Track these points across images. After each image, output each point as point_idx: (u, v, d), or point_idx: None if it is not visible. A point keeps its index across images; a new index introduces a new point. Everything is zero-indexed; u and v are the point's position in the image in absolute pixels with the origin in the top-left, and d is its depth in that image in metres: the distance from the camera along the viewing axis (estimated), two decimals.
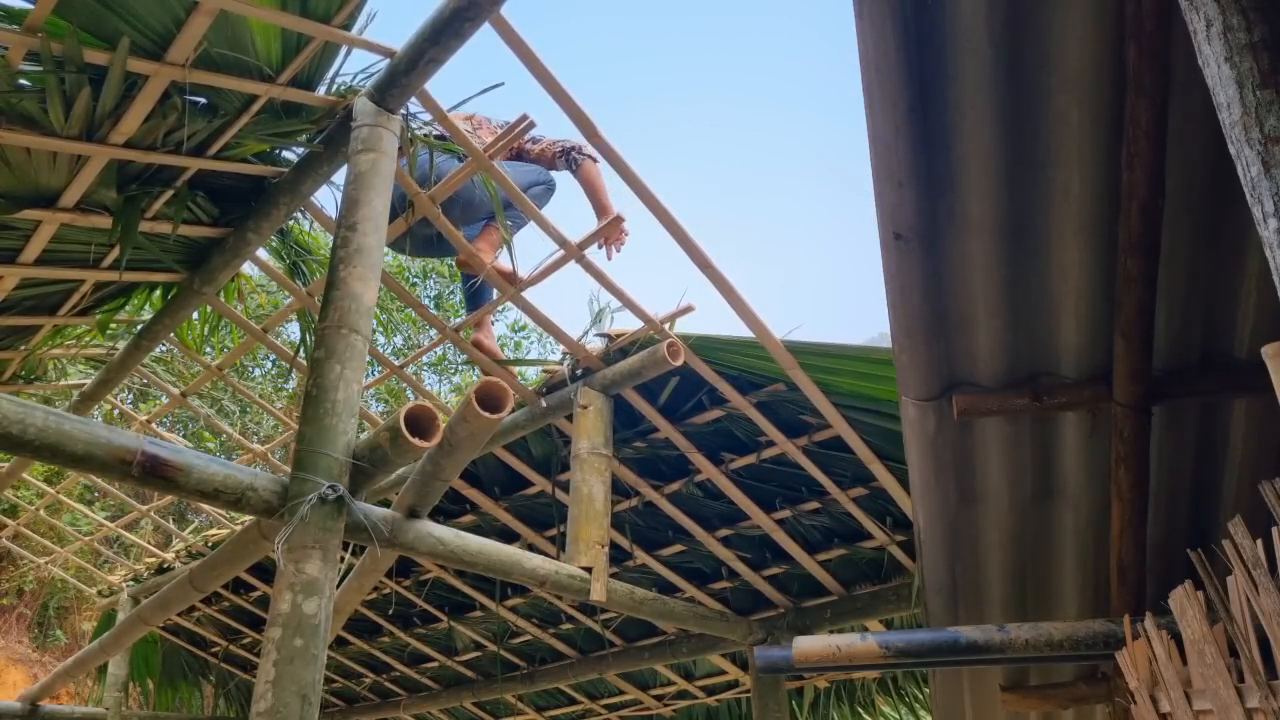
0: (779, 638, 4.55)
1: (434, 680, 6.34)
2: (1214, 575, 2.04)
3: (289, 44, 2.60)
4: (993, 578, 2.91)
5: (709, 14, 55.93)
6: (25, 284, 3.27)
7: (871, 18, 1.69)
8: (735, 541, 4.43)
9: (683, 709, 6.11)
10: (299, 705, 2.03)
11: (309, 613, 2.11)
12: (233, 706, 7.17)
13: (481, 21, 2.55)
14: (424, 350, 4.60)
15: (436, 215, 3.23)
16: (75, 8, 2.28)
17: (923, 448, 2.50)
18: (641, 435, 4.01)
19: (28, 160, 2.67)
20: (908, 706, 5.65)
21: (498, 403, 2.22)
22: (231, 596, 6.01)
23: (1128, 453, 2.30)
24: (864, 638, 2.63)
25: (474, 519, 4.65)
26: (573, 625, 5.37)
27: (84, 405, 4.12)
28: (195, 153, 2.85)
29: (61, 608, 11.49)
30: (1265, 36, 1.04)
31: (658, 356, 3.38)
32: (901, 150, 1.87)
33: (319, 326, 2.48)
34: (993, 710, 3.34)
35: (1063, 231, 2.02)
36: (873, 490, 3.91)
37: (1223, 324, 2.17)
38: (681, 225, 3.11)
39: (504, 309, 8.01)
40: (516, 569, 3.06)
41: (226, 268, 3.37)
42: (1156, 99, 1.73)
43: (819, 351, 3.30)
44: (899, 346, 2.27)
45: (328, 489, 2.21)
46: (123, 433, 2.17)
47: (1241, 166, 1.04)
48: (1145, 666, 2.33)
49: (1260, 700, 1.82)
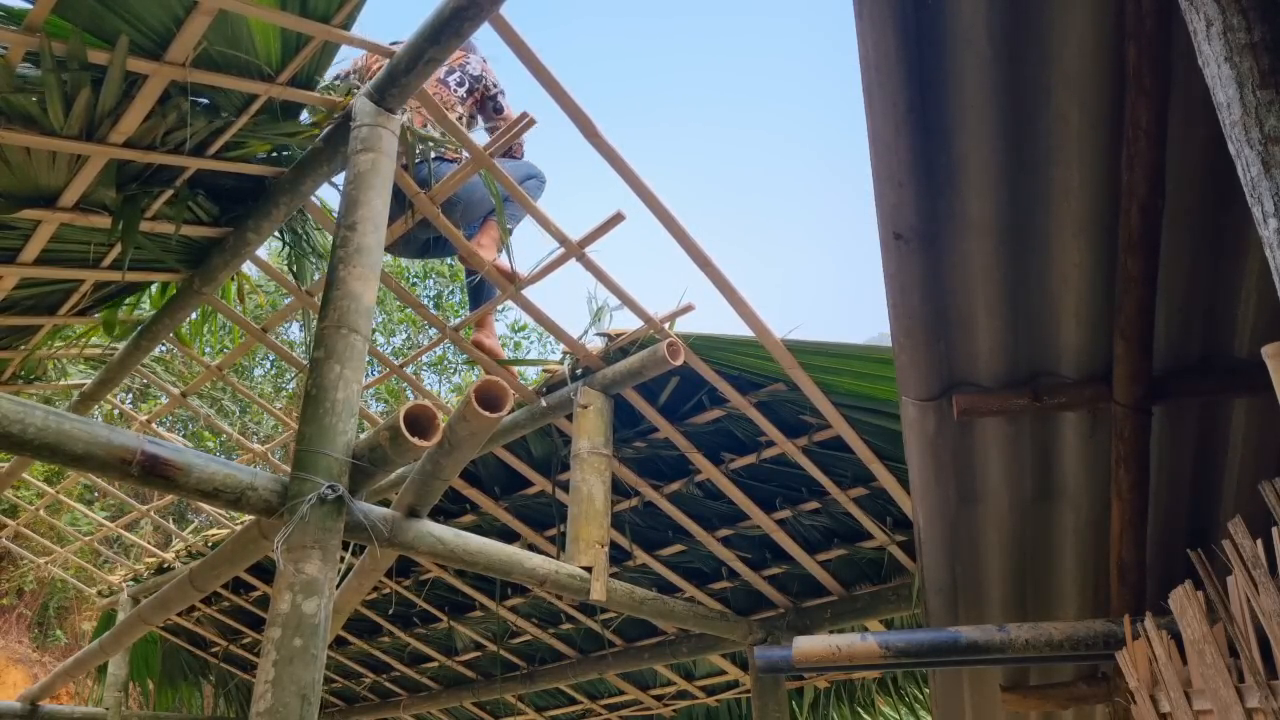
0: (779, 638, 4.55)
1: (434, 680, 6.34)
2: (1214, 575, 2.04)
3: (289, 43, 2.60)
4: (993, 578, 2.91)
5: (709, 14, 55.92)
6: (25, 284, 3.27)
7: (871, 18, 1.69)
8: (735, 541, 4.42)
9: (683, 709, 6.11)
10: (299, 705, 2.03)
11: (309, 613, 2.11)
12: (233, 706, 7.17)
13: (481, 21, 2.55)
14: (424, 350, 4.60)
15: (436, 215, 3.23)
16: (75, 7, 2.28)
17: (923, 448, 2.51)
18: (641, 435, 4.01)
19: (27, 160, 2.67)
20: (908, 706, 5.65)
21: (498, 402, 2.22)
22: (231, 596, 6.01)
23: (1128, 453, 2.30)
24: (864, 638, 2.63)
25: (474, 519, 4.65)
26: (573, 625, 5.37)
27: (84, 405, 4.12)
28: (195, 152, 2.85)
29: (61, 608, 11.49)
30: (1265, 36, 1.04)
31: (658, 356, 3.38)
32: (901, 150, 1.87)
33: (319, 326, 2.48)
34: (993, 710, 3.34)
35: (1063, 231, 2.02)
36: (873, 490, 3.91)
37: (1223, 324, 2.17)
38: (681, 224, 3.11)
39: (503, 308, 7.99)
40: (516, 569, 3.06)
41: (226, 267, 3.37)
42: (1156, 99, 1.73)
43: (819, 351, 3.30)
44: (899, 346, 2.27)
45: (327, 489, 2.21)
46: (122, 432, 2.17)
47: (1241, 166, 1.04)
48: (1145, 666, 2.33)
49: (1260, 700, 1.82)
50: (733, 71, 55.36)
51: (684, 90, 55.58)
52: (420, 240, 3.56)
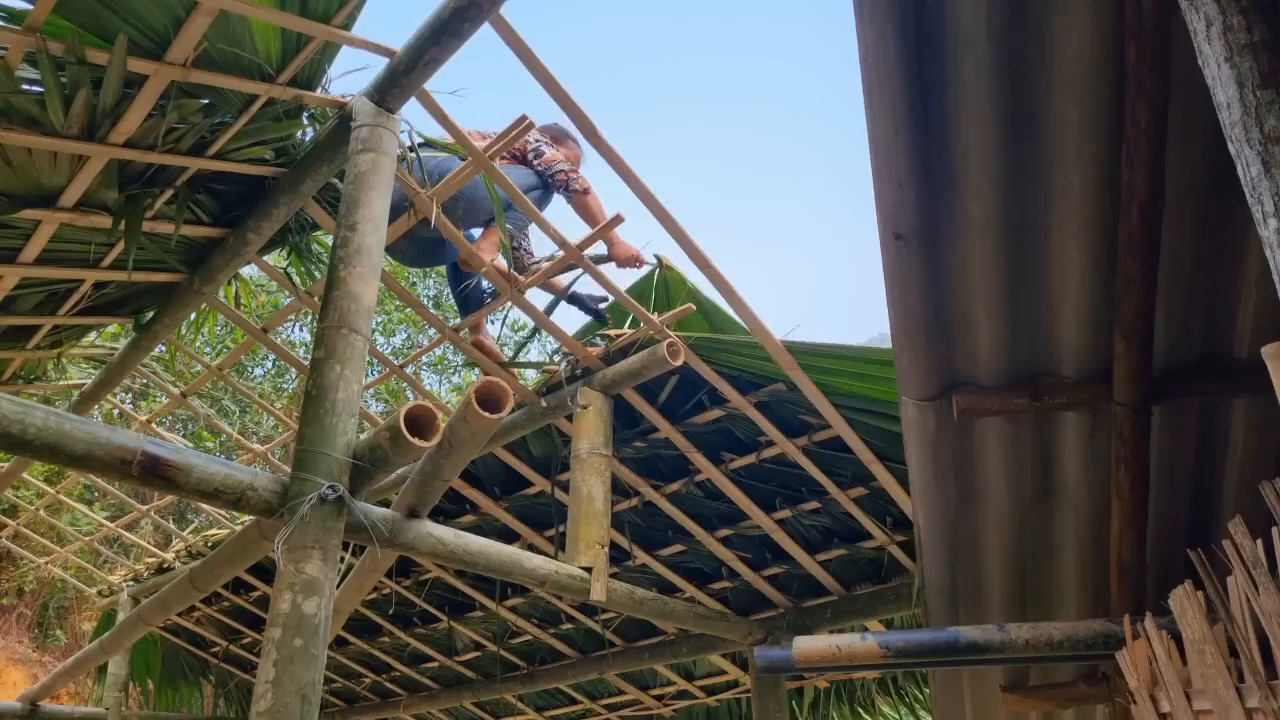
0: (779, 638, 4.55)
1: (434, 680, 6.34)
2: (1214, 575, 2.04)
3: (289, 44, 2.60)
4: (993, 578, 2.91)
5: (709, 14, 55.91)
6: (25, 284, 3.27)
7: (871, 18, 1.69)
8: (735, 541, 4.42)
9: (683, 709, 6.11)
10: (299, 705, 2.03)
11: (309, 613, 2.11)
12: (233, 706, 7.16)
13: (481, 21, 2.55)
14: (424, 350, 4.61)
15: (437, 214, 3.23)
16: (75, 7, 2.28)
17: (923, 448, 2.50)
18: (641, 435, 4.01)
19: (29, 160, 2.68)
20: (908, 706, 5.65)
21: (498, 403, 2.22)
22: (231, 596, 6.01)
23: (1128, 453, 2.30)
24: (864, 638, 2.63)
25: (474, 519, 4.65)
26: (573, 625, 5.37)
27: (84, 405, 4.12)
28: (195, 152, 2.85)
29: (61, 608, 11.50)
30: (1265, 36, 1.05)
31: (658, 356, 3.38)
32: (901, 150, 1.87)
33: (319, 326, 2.48)
34: (993, 710, 3.34)
35: (1063, 231, 2.02)
36: (873, 490, 3.91)
37: (1223, 324, 2.17)
38: (681, 225, 3.11)
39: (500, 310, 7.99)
40: (516, 569, 3.06)
41: (226, 267, 3.37)
42: (1156, 99, 1.73)
43: (819, 351, 3.30)
44: (899, 346, 2.27)
45: (328, 489, 2.21)
46: (122, 432, 2.17)
47: (1241, 166, 1.04)
48: (1145, 666, 2.33)
49: (1260, 700, 1.83)
50: (733, 72, 55.37)
51: (684, 91, 55.58)
52: (425, 242, 3.55)
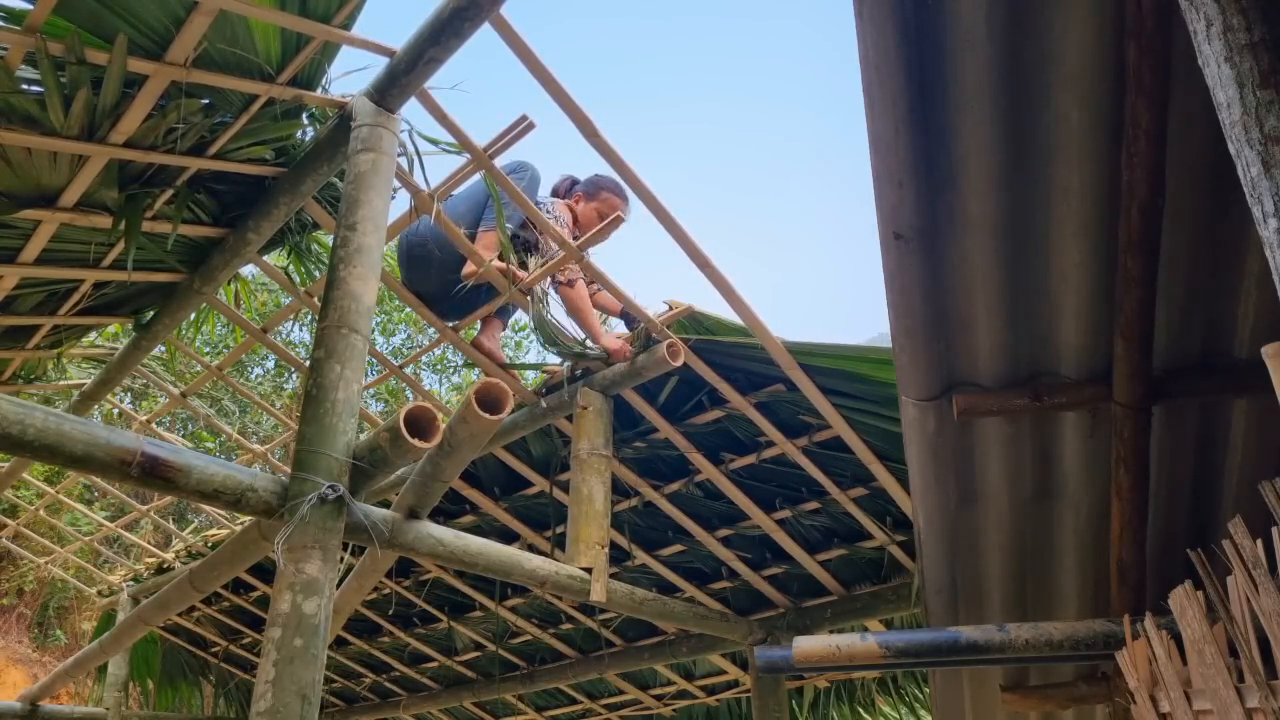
0: (779, 638, 4.55)
1: (434, 680, 6.34)
2: (1214, 575, 2.04)
3: (289, 43, 2.60)
4: (993, 578, 2.91)
5: (709, 14, 55.97)
6: (25, 284, 3.27)
7: (871, 18, 1.69)
8: (735, 541, 4.42)
9: (683, 709, 6.11)
10: (299, 705, 2.03)
11: (309, 613, 2.11)
12: (233, 706, 7.16)
13: (481, 21, 2.55)
14: (424, 350, 4.61)
15: (437, 212, 3.23)
16: (75, 8, 2.28)
17: (923, 448, 2.50)
18: (641, 435, 4.01)
19: (29, 160, 2.68)
20: (908, 706, 5.65)
21: (498, 403, 2.22)
22: (231, 596, 6.01)
23: (1128, 453, 2.30)
24: (864, 638, 2.63)
25: (474, 519, 4.65)
26: (572, 625, 5.37)
27: (84, 405, 4.12)
28: (195, 152, 2.85)
29: (61, 608, 11.49)
30: (1265, 36, 1.04)
31: (658, 357, 3.38)
32: (901, 150, 1.87)
33: (319, 326, 2.48)
34: (993, 710, 3.34)
35: (1063, 231, 2.02)
36: (873, 490, 3.91)
37: (1223, 324, 2.17)
38: (681, 225, 3.11)
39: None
40: (516, 569, 3.06)
41: (226, 267, 3.37)
42: (1156, 99, 1.73)
43: (819, 351, 3.30)
44: (899, 346, 2.27)
45: (328, 489, 2.21)
46: (122, 433, 2.17)
47: (1241, 166, 1.04)
48: (1145, 666, 2.33)
49: (1260, 700, 1.82)
50: (733, 72, 55.42)
51: (684, 91, 55.65)
52: (459, 297, 3.56)
